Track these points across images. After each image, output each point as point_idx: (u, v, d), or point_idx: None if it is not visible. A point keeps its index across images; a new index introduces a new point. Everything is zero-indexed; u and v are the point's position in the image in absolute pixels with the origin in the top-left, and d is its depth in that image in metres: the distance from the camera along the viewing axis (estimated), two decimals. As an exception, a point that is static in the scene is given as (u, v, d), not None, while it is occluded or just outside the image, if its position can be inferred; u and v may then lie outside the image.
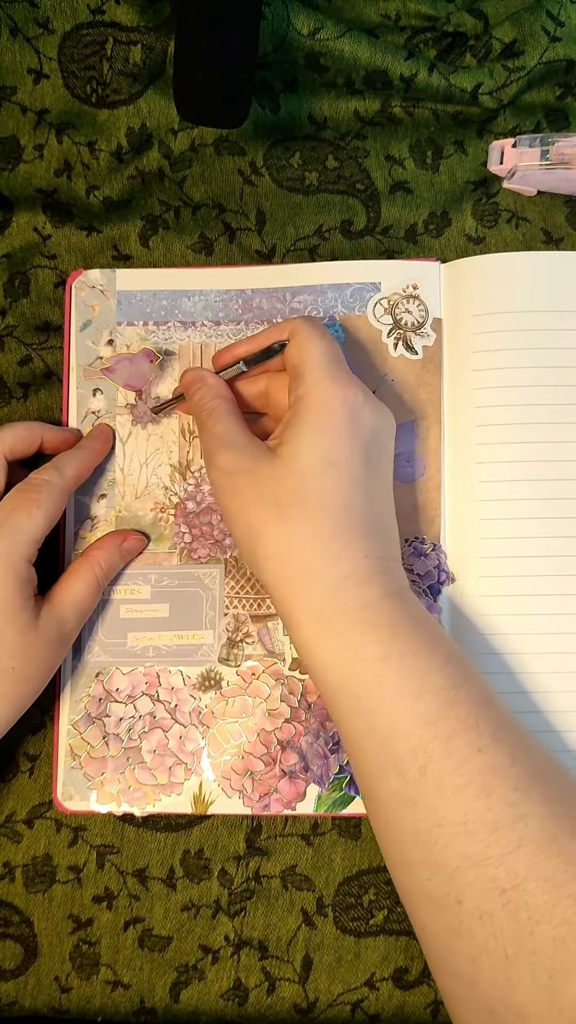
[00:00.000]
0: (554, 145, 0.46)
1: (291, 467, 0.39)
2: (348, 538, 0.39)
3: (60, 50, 0.50)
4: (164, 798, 0.47)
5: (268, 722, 0.47)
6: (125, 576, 0.48)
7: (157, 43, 0.49)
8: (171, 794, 0.47)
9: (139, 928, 0.47)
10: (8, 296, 0.50)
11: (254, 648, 0.47)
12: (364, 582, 0.38)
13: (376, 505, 0.40)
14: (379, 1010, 0.47)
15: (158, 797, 0.47)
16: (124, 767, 0.47)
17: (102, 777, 0.47)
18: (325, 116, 0.50)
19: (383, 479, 0.41)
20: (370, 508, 0.40)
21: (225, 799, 0.47)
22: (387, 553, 0.40)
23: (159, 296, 0.49)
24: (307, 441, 0.40)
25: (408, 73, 0.49)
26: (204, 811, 0.47)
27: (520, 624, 0.46)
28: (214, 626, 0.47)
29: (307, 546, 0.39)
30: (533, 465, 0.46)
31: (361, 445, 0.40)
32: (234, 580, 0.48)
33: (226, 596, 0.48)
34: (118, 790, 0.47)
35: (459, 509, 0.47)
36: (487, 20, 0.49)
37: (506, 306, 0.47)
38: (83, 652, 0.48)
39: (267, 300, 0.49)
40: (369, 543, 0.39)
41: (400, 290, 0.48)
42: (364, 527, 0.39)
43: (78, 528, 0.48)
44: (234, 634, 0.48)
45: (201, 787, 0.47)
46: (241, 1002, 0.47)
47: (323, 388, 0.40)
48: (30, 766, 0.48)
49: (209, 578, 0.48)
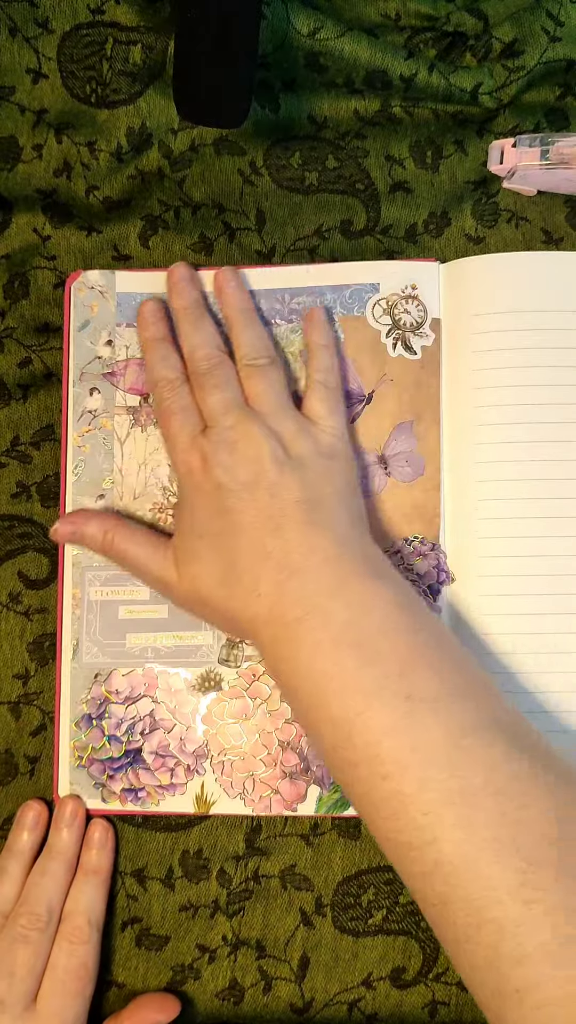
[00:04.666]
0: (554, 145, 0.46)
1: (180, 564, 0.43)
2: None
3: (59, 50, 0.50)
4: (168, 797, 0.47)
5: (268, 723, 0.47)
6: (124, 577, 0.48)
7: (157, 43, 0.49)
8: (174, 794, 0.47)
9: (136, 928, 0.47)
10: (8, 297, 0.50)
11: (254, 649, 0.47)
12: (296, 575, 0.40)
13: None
14: (376, 1009, 0.47)
15: (162, 796, 0.47)
16: (126, 768, 0.47)
17: (104, 778, 0.47)
18: (325, 116, 0.50)
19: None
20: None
21: (226, 799, 0.47)
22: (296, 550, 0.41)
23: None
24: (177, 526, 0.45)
25: (408, 73, 0.48)
26: (206, 811, 0.47)
27: (520, 624, 0.46)
28: (213, 627, 0.48)
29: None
30: (533, 465, 0.46)
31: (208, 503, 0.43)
32: (233, 580, 0.48)
33: (225, 596, 0.48)
34: (120, 790, 0.47)
35: (459, 509, 0.47)
36: (487, 20, 0.49)
37: (506, 306, 0.47)
38: (82, 654, 0.48)
39: (266, 301, 0.49)
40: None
41: (399, 291, 0.48)
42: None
43: (77, 529, 0.48)
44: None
45: (203, 787, 0.47)
46: (237, 1001, 0.47)
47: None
48: (30, 767, 0.48)
49: (208, 578, 0.48)
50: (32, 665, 0.49)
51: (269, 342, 0.47)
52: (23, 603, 0.49)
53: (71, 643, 0.48)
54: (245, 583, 0.41)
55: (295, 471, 0.42)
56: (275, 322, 0.49)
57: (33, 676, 0.49)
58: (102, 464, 0.48)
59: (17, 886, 0.46)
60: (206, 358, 0.45)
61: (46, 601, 0.49)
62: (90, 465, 0.48)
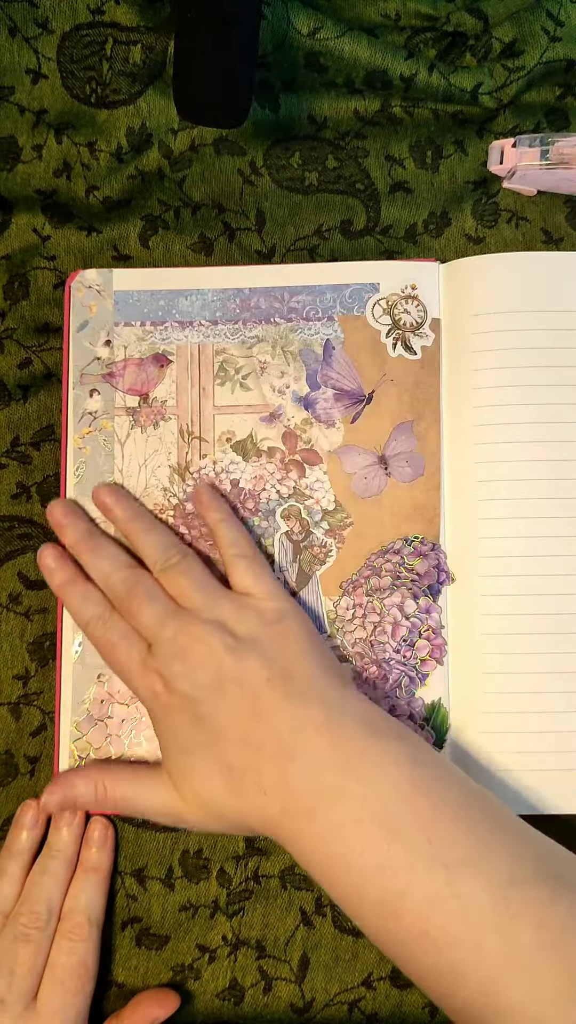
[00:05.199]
0: (554, 145, 0.46)
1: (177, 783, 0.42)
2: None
3: (59, 50, 0.50)
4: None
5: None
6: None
7: (157, 43, 0.49)
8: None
9: (136, 928, 0.48)
10: (8, 298, 0.50)
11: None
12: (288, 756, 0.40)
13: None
14: (376, 1009, 0.47)
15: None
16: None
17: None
18: (325, 116, 0.50)
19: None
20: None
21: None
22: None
23: (156, 296, 0.49)
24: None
25: (408, 73, 0.48)
26: (205, 810, 0.47)
27: (520, 624, 0.46)
28: None
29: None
30: (533, 465, 0.46)
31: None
32: (233, 581, 0.48)
33: (225, 597, 0.48)
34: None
35: (459, 509, 0.47)
36: (487, 20, 0.49)
37: (506, 306, 0.47)
38: (84, 655, 0.48)
39: (265, 299, 0.49)
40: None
41: (399, 290, 0.48)
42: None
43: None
44: (234, 634, 0.48)
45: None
46: (237, 1001, 0.47)
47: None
48: (30, 768, 0.48)
49: (208, 579, 0.48)
50: (32, 666, 0.49)
51: (172, 536, 0.46)
52: (23, 604, 0.49)
53: (73, 644, 0.48)
54: (248, 784, 0.40)
55: (252, 651, 0.41)
56: (274, 320, 0.49)
57: (33, 677, 0.49)
58: (102, 465, 0.48)
59: (17, 885, 0.46)
60: (121, 581, 0.44)
61: (46, 601, 0.49)
62: (91, 467, 0.48)
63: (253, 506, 0.48)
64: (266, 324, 0.49)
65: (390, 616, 0.47)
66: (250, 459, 0.48)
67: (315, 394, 0.48)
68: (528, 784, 0.45)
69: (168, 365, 0.48)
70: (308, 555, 0.48)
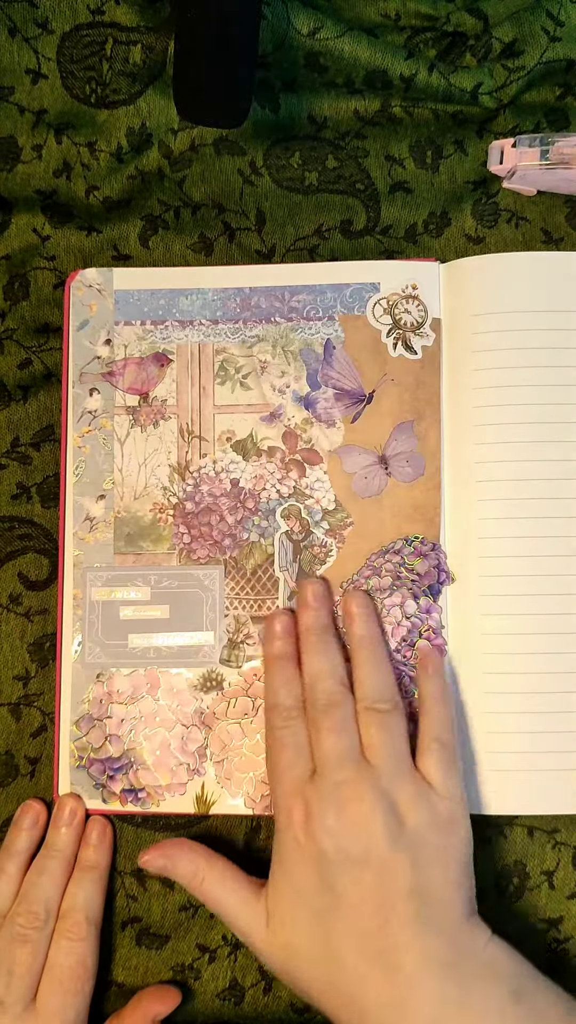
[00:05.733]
0: (554, 145, 0.46)
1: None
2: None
3: (59, 50, 0.50)
4: (168, 798, 0.47)
5: (269, 723, 0.47)
6: (125, 577, 0.48)
7: (157, 43, 0.49)
8: (175, 794, 0.47)
9: (136, 928, 0.47)
10: (8, 298, 0.50)
11: (255, 649, 0.47)
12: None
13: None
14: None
15: (162, 797, 0.47)
16: (126, 768, 0.47)
17: (104, 778, 0.47)
18: (325, 116, 0.50)
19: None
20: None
21: (228, 799, 0.47)
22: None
23: (156, 295, 0.49)
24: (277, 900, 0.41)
25: (408, 73, 0.49)
26: (206, 811, 0.47)
27: (520, 624, 0.46)
28: (215, 627, 0.48)
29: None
30: (533, 465, 0.46)
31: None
32: (234, 581, 0.48)
33: (226, 597, 0.48)
34: (121, 791, 0.47)
35: (459, 509, 0.47)
36: (487, 20, 0.49)
37: (506, 306, 0.47)
38: (84, 654, 0.48)
39: (265, 299, 0.49)
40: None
41: (399, 290, 0.48)
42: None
43: (76, 529, 0.48)
44: (235, 635, 0.48)
45: (204, 787, 0.47)
46: (237, 1001, 0.47)
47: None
48: (31, 768, 0.48)
49: (209, 579, 0.48)
50: (32, 666, 0.49)
51: (394, 682, 0.44)
52: (23, 604, 0.49)
53: (73, 643, 0.48)
54: (349, 978, 0.39)
55: (408, 850, 0.39)
56: (274, 320, 0.49)
57: (34, 677, 0.49)
58: (102, 465, 0.48)
59: (15, 885, 0.46)
60: (326, 692, 0.43)
61: (46, 602, 0.49)
62: (90, 466, 0.48)
63: (253, 506, 0.48)
64: (266, 323, 0.49)
65: (390, 616, 0.47)
66: (250, 458, 0.48)
67: (315, 394, 0.48)
68: (528, 784, 0.45)
69: (168, 364, 0.48)
70: (308, 555, 0.48)
